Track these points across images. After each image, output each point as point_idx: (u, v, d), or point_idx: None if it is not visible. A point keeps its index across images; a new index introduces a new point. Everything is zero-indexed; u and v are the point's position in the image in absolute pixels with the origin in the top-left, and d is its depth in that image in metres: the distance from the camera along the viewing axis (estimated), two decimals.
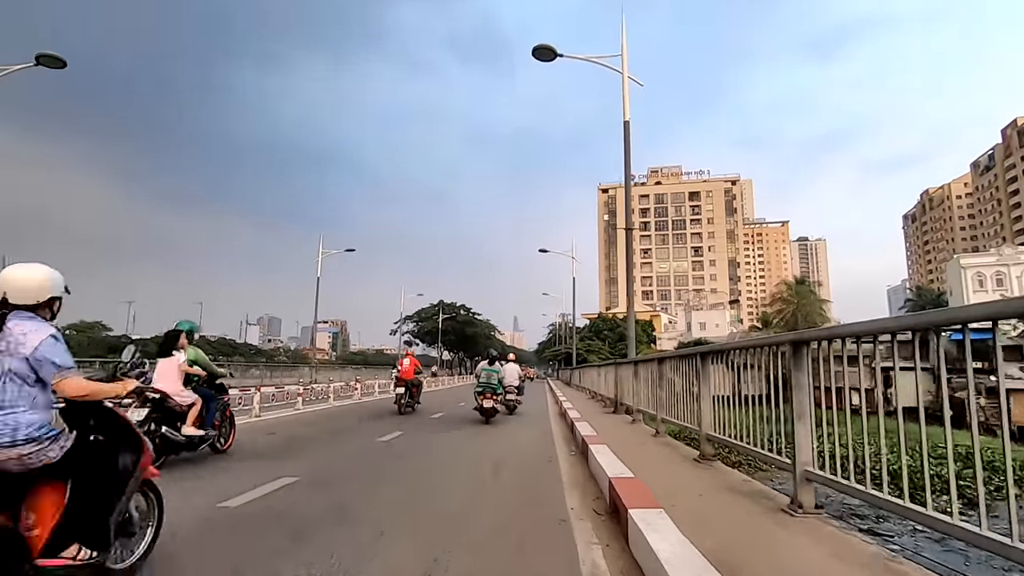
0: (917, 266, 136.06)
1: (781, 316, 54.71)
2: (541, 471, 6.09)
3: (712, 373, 5.42)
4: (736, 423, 4.67)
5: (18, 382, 2.38)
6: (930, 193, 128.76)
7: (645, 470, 4.76)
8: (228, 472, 5.76)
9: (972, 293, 53.95)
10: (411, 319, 78.24)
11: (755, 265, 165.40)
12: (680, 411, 6.33)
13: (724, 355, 5.21)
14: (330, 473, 5.90)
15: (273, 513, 4.15)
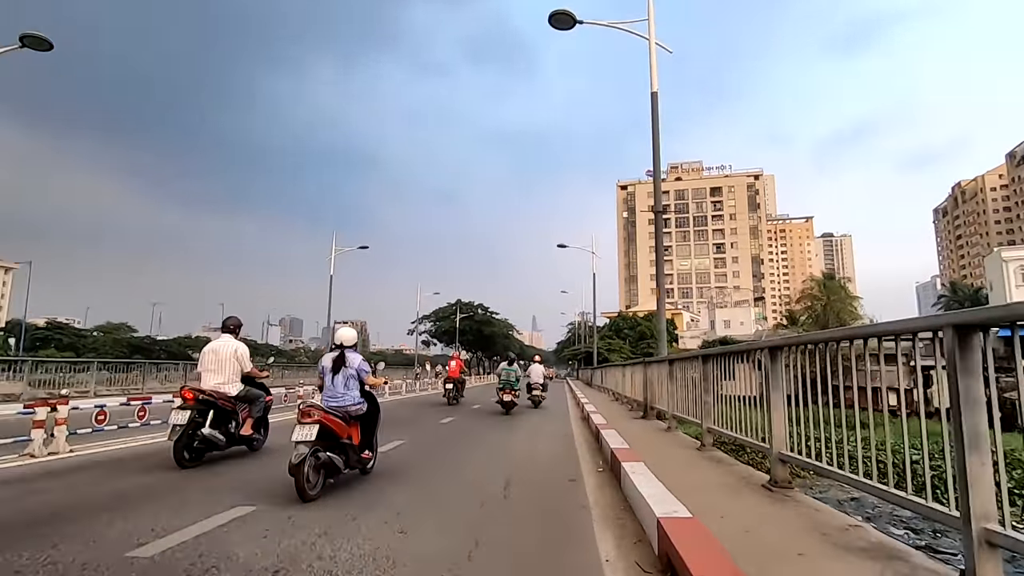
0: (948, 262, 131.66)
1: (810, 313, 52.55)
2: (563, 495, 4.93)
3: (782, 375, 4.20)
4: (823, 440, 3.45)
5: (353, 381, 5.38)
6: (962, 186, 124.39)
7: (703, 503, 3.58)
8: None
9: (1015, 288, 51.07)
10: (428, 319, 77.58)
11: (778, 262, 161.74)
12: (736, 422, 5.11)
13: (802, 350, 3.98)
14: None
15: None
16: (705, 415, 6.04)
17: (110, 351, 55.75)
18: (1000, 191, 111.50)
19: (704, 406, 6.06)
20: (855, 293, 52.24)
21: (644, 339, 55.15)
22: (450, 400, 16.33)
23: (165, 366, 25.34)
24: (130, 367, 22.26)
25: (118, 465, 6.12)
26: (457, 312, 72.08)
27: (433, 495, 4.93)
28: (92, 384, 16.03)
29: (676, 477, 4.53)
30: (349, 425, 5.22)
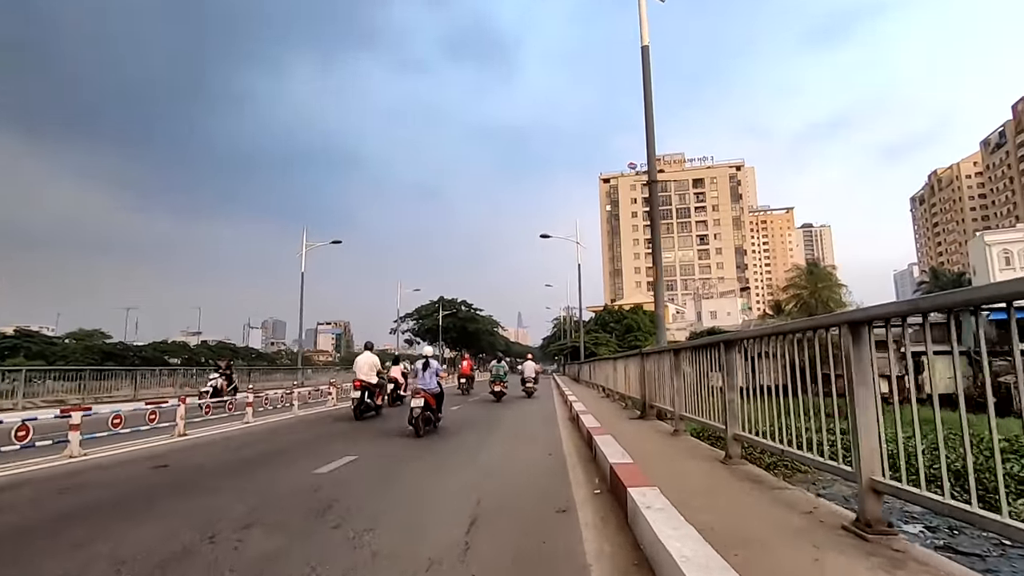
0: (926, 249, 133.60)
1: (797, 302, 52.00)
2: (550, 539, 3.54)
3: (869, 365, 2.86)
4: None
5: (433, 375, 9.60)
6: (938, 174, 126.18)
7: (769, 565, 2.22)
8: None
9: (999, 271, 51.06)
10: (411, 317, 75.95)
11: (760, 253, 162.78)
12: (781, 430, 3.76)
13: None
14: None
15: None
16: (731, 418, 4.69)
17: (80, 358, 53.62)
18: (975, 178, 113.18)
19: (729, 406, 4.72)
20: (841, 281, 51.62)
21: (631, 332, 54.16)
22: (464, 392, 20.65)
23: (141, 372, 24.42)
24: (103, 374, 21.32)
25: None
26: (440, 309, 70.48)
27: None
28: (19, 397, 14.26)
29: (710, 513, 3.18)
30: (433, 399, 9.32)
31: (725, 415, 4.83)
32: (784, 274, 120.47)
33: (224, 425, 10.54)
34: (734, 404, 4.71)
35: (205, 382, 13.65)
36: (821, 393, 3.38)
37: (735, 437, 4.67)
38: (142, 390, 21.37)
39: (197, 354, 76.74)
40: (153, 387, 22.35)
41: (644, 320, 57.79)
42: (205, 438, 8.81)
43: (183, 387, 25.56)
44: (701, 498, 3.65)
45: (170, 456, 7.16)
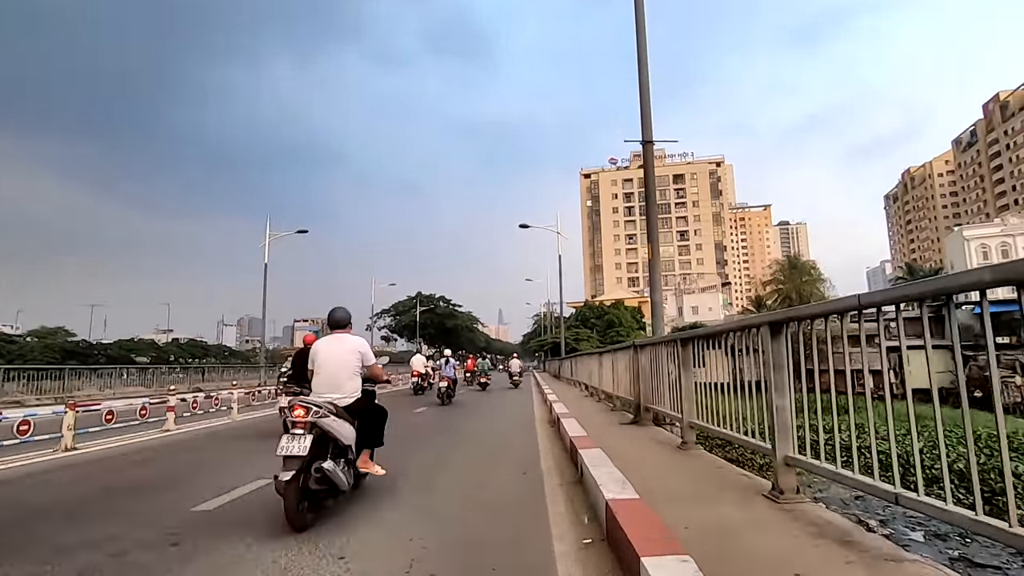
0: (900, 245, 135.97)
1: (778, 296, 51.52)
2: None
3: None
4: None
5: (452, 369, 16.28)
6: (911, 172, 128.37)
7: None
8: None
9: (976, 266, 51.35)
10: (388, 313, 73.91)
11: (739, 249, 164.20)
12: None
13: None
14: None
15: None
16: (780, 435, 3.24)
17: (40, 357, 50.85)
18: (947, 176, 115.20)
19: (778, 416, 3.27)
20: (821, 276, 51.29)
21: (612, 327, 53.06)
22: (472, 384, 23.34)
23: (106, 371, 23.64)
24: (63, 374, 21.01)
25: None
26: (417, 305, 68.58)
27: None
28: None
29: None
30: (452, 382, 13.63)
31: (768, 430, 3.40)
32: (763, 270, 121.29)
33: (135, 435, 8.84)
34: (783, 413, 3.28)
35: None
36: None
37: (789, 461, 3.22)
38: (107, 390, 21.11)
39: (166, 353, 73.64)
40: (119, 387, 21.93)
41: (626, 316, 56.76)
42: (94, 454, 7.11)
43: (151, 387, 24.02)
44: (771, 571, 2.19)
45: (17, 483, 5.49)
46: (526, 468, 5.84)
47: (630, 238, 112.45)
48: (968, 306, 30.52)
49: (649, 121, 8.07)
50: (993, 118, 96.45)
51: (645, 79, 8.10)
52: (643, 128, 8.01)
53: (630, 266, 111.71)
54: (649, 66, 8.04)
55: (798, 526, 2.82)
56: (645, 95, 8.10)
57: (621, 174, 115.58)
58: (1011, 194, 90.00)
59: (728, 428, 4.17)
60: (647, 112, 8.13)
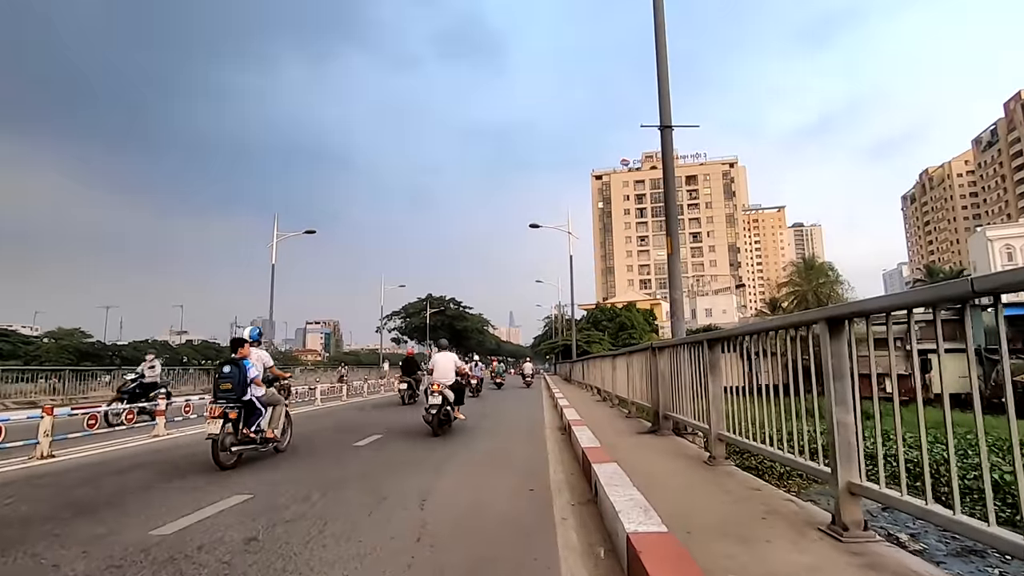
0: (917, 247, 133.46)
1: (794, 298, 50.38)
2: None
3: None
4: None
5: (479, 369, 23.59)
6: (929, 173, 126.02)
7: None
8: None
9: (1001, 267, 49.71)
10: (397, 315, 73.72)
11: (752, 251, 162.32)
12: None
13: None
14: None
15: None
16: (843, 458, 2.62)
17: (56, 358, 51.26)
18: (967, 176, 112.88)
19: (839, 435, 2.65)
20: (839, 276, 50.04)
21: (624, 330, 52.22)
22: (496, 382, 27.19)
23: (120, 372, 23.16)
24: (80, 375, 21.08)
25: None
26: (428, 307, 68.22)
27: None
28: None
29: None
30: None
31: (827, 450, 2.78)
32: (777, 272, 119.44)
33: (124, 440, 8.38)
34: (849, 431, 2.66)
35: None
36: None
37: (854, 490, 2.60)
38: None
39: (179, 354, 73.94)
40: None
41: (638, 318, 55.88)
42: (69, 463, 6.62)
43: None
44: None
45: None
46: (533, 482, 5.25)
47: (642, 240, 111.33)
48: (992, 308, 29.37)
49: (668, 105, 7.44)
50: (1015, 117, 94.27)
51: (664, 60, 7.48)
52: (661, 113, 7.39)
53: (642, 268, 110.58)
54: (668, 47, 7.43)
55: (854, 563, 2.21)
56: (663, 77, 7.48)
57: (633, 175, 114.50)
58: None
59: (769, 445, 3.55)
60: (665, 96, 7.50)
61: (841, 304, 2.75)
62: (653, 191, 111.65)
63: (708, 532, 2.84)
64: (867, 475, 2.47)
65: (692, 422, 5.51)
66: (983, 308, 25.59)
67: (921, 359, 2.99)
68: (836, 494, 2.66)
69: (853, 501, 2.64)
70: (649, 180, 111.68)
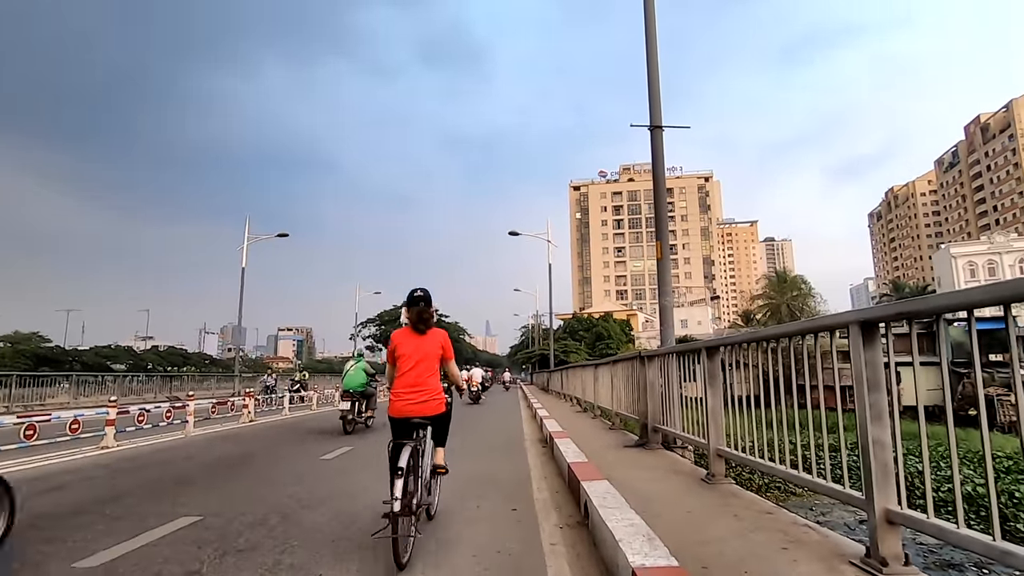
0: (883, 263, 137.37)
1: (767, 311, 51.13)
2: None
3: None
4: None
5: (482, 375, 25.55)
6: (895, 191, 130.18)
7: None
8: None
9: (964, 283, 51.26)
10: (373, 322, 72.48)
11: (725, 264, 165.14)
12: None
13: None
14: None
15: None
16: (879, 482, 2.28)
17: (10, 363, 48.74)
18: (930, 195, 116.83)
19: (875, 456, 2.32)
20: (811, 290, 50.99)
21: (601, 340, 52.17)
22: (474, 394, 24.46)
23: (80, 379, 22.32)
24: (38, 381, 20.03)
25: None
26: (403, 314, 67.18)
27: None
28: None
29: None
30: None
31: (859, 472, 2.45)
32: (750, 285, 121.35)
33: (69, 453, 7.67)
34: (886, 452, 2.33)
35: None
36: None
37: (893, 518, 2.26)
38: (82, 398, 20.41)
39: (144, 360, 71.09)
40: (94, 395, 21.28)
41: (615, 328, 55.95)
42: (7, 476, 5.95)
43: (127, 395, 22.75)
44: None
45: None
46: (516, 500, 4.84)
47: (619, 251, 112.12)
48: (961, 323, 30.11)
49: (658, 105, 7.19)
50: (974, 140, 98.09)
51: (654, 59, 7.24)
52: (651, 113, 7.14)
53: (618, 279, 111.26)
54: (658, 45, 7.19)
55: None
56: (654, 76, 7.24)
57: (610, 187, 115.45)
58: (992, 214, 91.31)
59: (783, 464, 3.21)
60: (656, 96, 7.25)
61: (883, 305, 2.43)
62: (630, 203, 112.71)
63: (726, 568, 2.47)
64: (932, 508, 2.12)
65: (686, 436, 5.18)
66: (949, 322, 26.18)
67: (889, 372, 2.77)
68: (874, 523, 2.32)
69: (892, 531, 2.31)
70: (626, 192, 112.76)
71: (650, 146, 7.07)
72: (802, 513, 4.07)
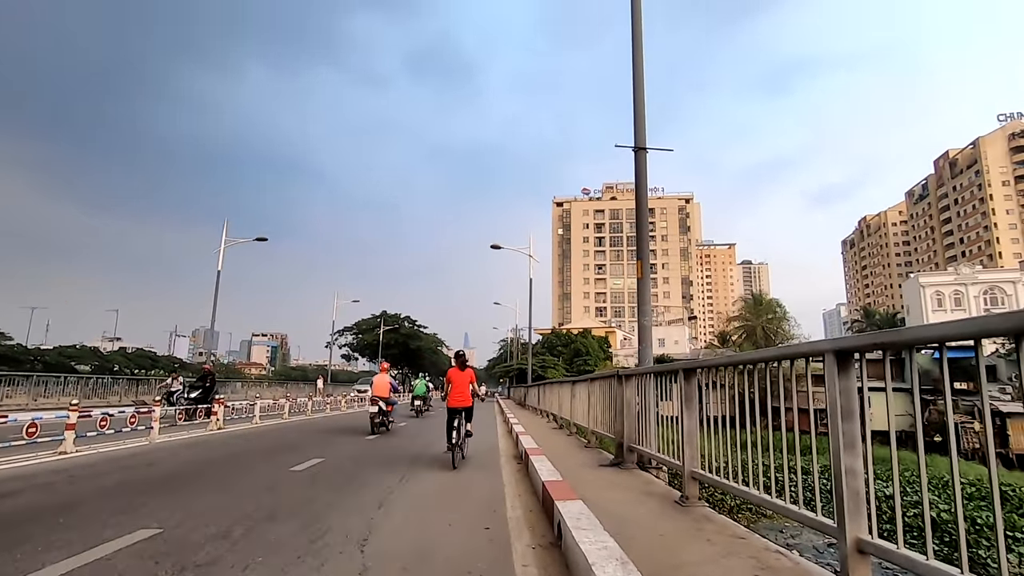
0: (855, 289, 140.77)
1: (743, 332, 51.88)
2: None
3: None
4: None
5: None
6: (867, 220, 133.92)
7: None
8: None
9: (931, 312, 52.85)
10: (350, 331, 71.54)
11: (703, 285, 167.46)
12: None
13: None
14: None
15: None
16: (851, 510, 2.30)
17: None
18: (900, 226, 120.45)
19: (847, 484, 2.34)
20: (786, 313, 51.97)
21: (580, 355, 52.29)
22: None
23: (42, 379, 21.61)
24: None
25: None
26: (382, 324, 66.44)
27: None
28: None
29: None
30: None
31: (828, 499, 2.46)
32: (727, 307, 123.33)
33: (18, 458, 7.35)
34: (858, 480, 2.36)
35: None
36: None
37: (864, 548, 2.28)
38: (42, 399, 19.96)
39: (110, 362, 68.95)
40: (54, 396, 20.58)
41: (593, 344, 56.15)
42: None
43: (90, 397, 21.89)
44: None
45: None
46: (489, 519, 4.76)
47: (599, 268, 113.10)
48: (928, 351, 30.94)
49: (643, 127, 7.31)
50: (943, 174, 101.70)
51: (640, 81, 7.37)
52: (636, 135, 7.24)
53: (598, 295, 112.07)
54: (645, 68, 7.32)
55: None
56: (639, 99, 7.36)
57: (593, 204, 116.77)
58: (958, 246, 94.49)
59: (756, 488, 3.22)
60: (640, 118, 7.37)
61: (859, 335, 2.47)
62: (612, 221, 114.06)
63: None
64: (901, 538, 2.14)
65: (661, 457, 5.18)
66: (917, 350, 27.05)
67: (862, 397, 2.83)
68: (845, 553, 2.33)
69: (863, 560, 2.32)
70: (609, 210, 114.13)
71: (634, 167, 7.18)
72: (773, 535, 4.10)
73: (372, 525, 4.46)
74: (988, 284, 53.94)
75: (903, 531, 2.16)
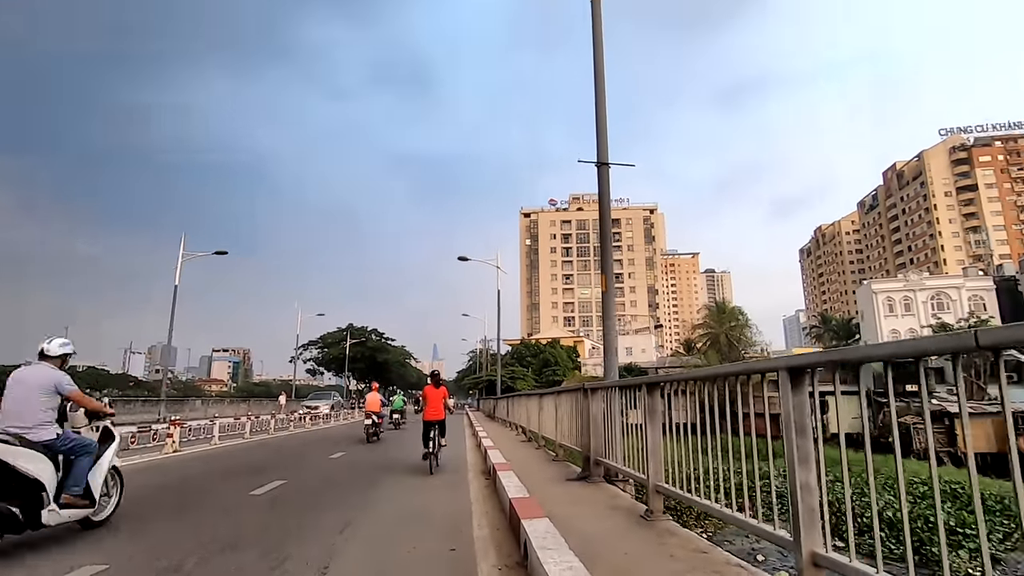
0: (813, 296, 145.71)
1: (707, 339, 53.03)
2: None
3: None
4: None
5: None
6: (823, 229, 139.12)
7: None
8: None
9: (883, 317, 55.25)
10: (314, 344, 69.90)
11: (668, 294, 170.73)
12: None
13: None
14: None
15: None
16: (806, 523, 2.36)
17: None
18: (853, 235, 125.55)
19: (802, 498, 2.39)
20: (748, 320, 53.43)
21: (548, 366, 52.47)
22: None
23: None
24: None
25: None
26: (348, 337, 65.21)
27: None
28: None
29: None
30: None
31: (785, 512, 2.52)
32: (692, 315, 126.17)
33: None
34: (813, 495, 2.41)
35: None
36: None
37: (819, 561, 2.33)
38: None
39: None
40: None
41: (561, 355, 56.45)
42: None
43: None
44: None
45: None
46: (454, 539, 4.69)
47: (567, 278, 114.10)
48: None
49: (605, 143, 7.44)
50: (891, 185, 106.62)
51: (602, 98, 7.52)
52: (599, 150, 7.37)
53: (566, 305, 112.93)
54: (606, 84, 7.48)
55: None
56: (602, 114, 7.50)
57: (560, 215, 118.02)
58: (907, 253, 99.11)
59: (717, 502, 3.27)
60: (603, 133, 7.51)
61: (809, 354, 2.55)
62: (579, 231, 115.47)
63: None
64: (852, 551, 2.20)
65: (627, 471, 5.21)
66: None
67: (820, 401, 2.96)
68: (800, 566, 2.38)
69: (818, 574, 2.37)
70: (575, 221, 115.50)
71: (597, 182, 7.30)
72: (736, 543, 4.16)
73: (334, 551, 4.33)
74: (935, 290, 56.84)
75: (861, 537, 2.22)
